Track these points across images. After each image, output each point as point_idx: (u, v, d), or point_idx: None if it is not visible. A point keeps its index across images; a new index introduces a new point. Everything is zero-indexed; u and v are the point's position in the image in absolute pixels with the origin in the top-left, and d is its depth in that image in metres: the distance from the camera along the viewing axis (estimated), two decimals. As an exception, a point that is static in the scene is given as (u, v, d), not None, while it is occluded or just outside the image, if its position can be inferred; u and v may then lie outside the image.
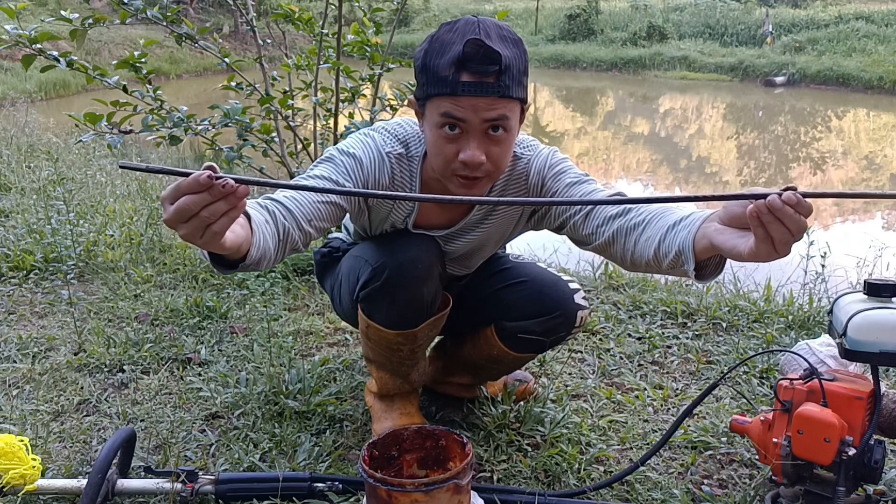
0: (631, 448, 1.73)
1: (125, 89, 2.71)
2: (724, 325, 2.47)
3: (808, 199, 0.93)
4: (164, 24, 2.73)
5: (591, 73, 19.52)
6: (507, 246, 1.85)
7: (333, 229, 1.82)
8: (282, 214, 1.25)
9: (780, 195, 0.92)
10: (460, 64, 1.22)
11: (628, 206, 1.32)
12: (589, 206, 1.39)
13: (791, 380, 1.42)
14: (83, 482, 1.44)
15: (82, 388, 2.02)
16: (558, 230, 1.50)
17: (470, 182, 1.33)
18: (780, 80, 16.19)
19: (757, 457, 1.60)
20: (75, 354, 2.24)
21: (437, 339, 1.89)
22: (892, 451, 1.68)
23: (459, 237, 1.59)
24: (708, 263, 1.16)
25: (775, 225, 0.93)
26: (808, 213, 0.93)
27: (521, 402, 1.89)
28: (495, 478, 1.60)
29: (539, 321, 1.62)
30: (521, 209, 1.56)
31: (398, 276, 1.46)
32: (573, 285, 1.64)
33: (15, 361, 2.20)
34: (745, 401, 1.94)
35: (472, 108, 1.24)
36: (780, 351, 2.04)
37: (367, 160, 1.44)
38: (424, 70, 1.28)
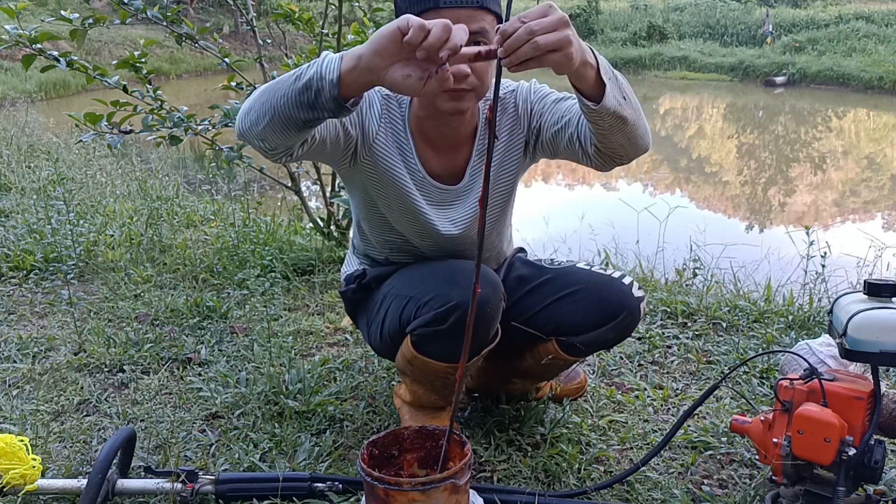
0: (631, 448, 1.73)
1: (125, 89, 2.71)
2: (725, 325, 2.47)
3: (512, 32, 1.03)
4: (164, 24, 2.73)
5: (592, 73, 19.49)
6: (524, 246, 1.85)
7: (346, 255, 1.84)
8: None
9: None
10: None
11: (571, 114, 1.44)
12: (563, 113, 1.46)
13: (791, 380, 1.42)
14: (83, 482, 1.44)
15: (82, 388, 2.02)
16: (554, 150, 1.53)
17: (458, 94, 1.37)
18: (780, 80, 16.21)
19: (757, 457, 1.60)
20: (75, 354, 2.24)
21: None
22: (892, 451, 1.68)
23: (470, 191, 1.57)
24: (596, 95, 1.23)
25: (530, 61, 1.04)
26: (533, 33, 1.01)
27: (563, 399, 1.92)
28: (495, 478, 1.60)
29: (607, 329, 1.56)
30: (520, 140, 1.58)
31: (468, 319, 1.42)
32: (626, 279, 1.58)
33: (15, 361, 2.20)
34: (745, 401, 1.94)
35: (454, 20, 1.26)
36: (781, 351, 2.04)
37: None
38: None
